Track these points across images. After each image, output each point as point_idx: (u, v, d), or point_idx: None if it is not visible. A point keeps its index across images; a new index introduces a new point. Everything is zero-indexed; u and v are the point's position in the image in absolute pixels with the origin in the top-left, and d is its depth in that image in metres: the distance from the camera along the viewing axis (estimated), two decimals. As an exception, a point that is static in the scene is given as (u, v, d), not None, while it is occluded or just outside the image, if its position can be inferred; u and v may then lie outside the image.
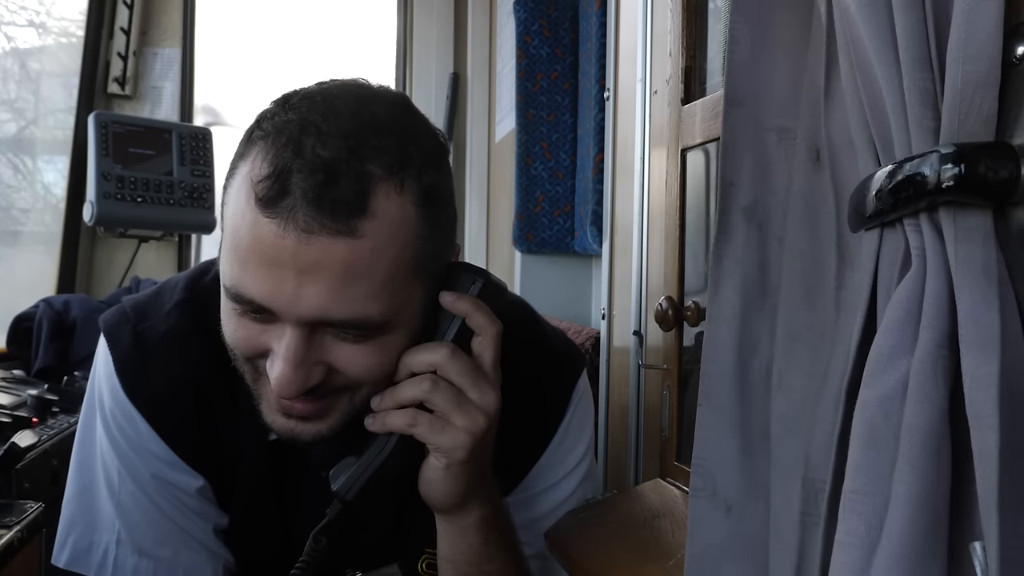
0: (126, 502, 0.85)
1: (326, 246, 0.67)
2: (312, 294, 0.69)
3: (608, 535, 0.93)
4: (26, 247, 2.37)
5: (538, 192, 1.92)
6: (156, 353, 0.84)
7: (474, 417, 0.77)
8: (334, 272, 0.68)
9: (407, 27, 2.69)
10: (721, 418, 0.64)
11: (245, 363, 0.78)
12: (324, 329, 0.72)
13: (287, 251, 0.67)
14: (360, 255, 0.68)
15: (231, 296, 0.73)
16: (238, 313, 0.74)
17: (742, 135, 0.64)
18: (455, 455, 0.77)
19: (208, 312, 0.82)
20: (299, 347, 0.71)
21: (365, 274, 0.69)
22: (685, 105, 1.07)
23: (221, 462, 0.87)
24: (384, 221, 0.69)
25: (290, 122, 0.70)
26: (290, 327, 0.71)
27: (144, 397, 0.83)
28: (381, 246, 0.69)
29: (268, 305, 0.70)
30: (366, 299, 0.70)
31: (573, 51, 1.92)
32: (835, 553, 0.48)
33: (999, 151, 0.45)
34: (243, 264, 0.71)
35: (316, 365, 0.73)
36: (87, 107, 2.23)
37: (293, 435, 0.77)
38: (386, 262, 0.70)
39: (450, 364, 0.76)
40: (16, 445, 0.97)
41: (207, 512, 0.87)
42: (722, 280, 0.64)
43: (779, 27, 0.63)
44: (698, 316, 1.00)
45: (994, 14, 0.44)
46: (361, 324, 0.71)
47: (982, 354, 0.43)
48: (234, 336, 0.76)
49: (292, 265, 0.68)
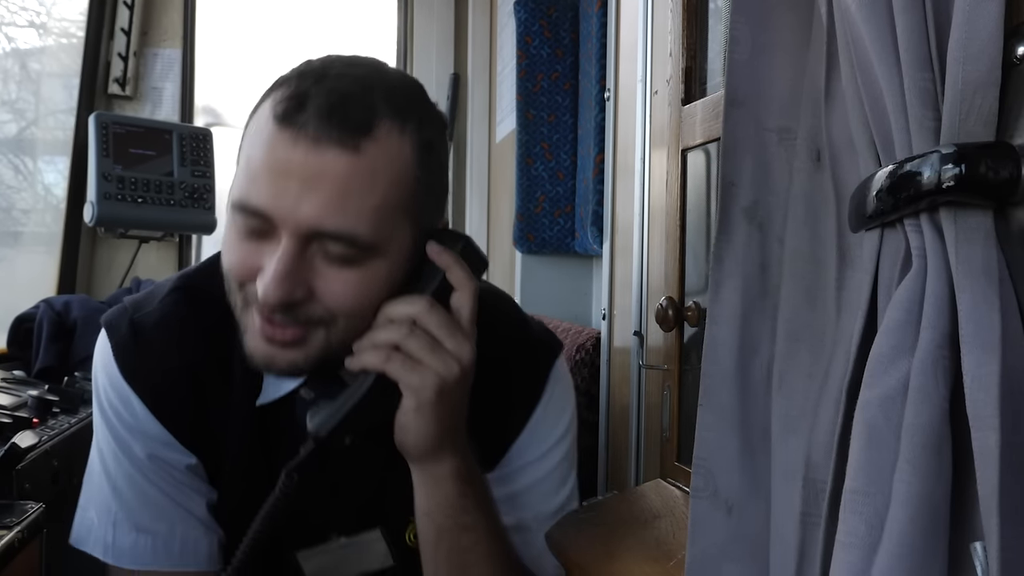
0: (121, 483, 0.88)
1: (331, 158, 0.74)
2: (312, 202, 0.74)
3: (608, 535, 0.93)
4: (27, 248, 2.37)
5: (539, 192, 1.92)
6: (151, 337, 0.89)
7: (447, 363, 0.80)
8: (335, 184, 0.75)
9: (407, 27, 2.69)
10: (722, 418, 0.64)
11: (237, 292, 0.82)
12: (315, 247, 0.77)
13: (296, 160, 0.74)
14: (360, 172, 0.75)
15: (236, 208, 0.78)
16: (239, 233, 0.79)
17: (743, 135, 0.64)
18: (424, 394, 0.80)
19: (200, 299, 0.90)
20: (291, 257, 0.76)
21: (362, 191, 0.76)
22: (685, 105, 1.07)
23: (214, 438, 0.90)
24: (384, 149, 0.76)
25: (313, 65, 0.80)
26: (286, 238, 0.76)
27: (140, 379, 0.88)
28: (379, 170, 0.76)
29: (270, 211, 0.76)
30: (359, 215, 0.76)
31: (573, 51, 1.92)
32: (836, 553, 0.48)
33: (1000, 151, 0.45)
34: (253, 176, 0.77)
35: (301, 284, 0.77)
36: (88, 108, 2.23)
37: (271, 362, 0.82)
38: (381, 187, 0.77)
39: (428, 315, 0.81)
40: (16, 446, 0.96)
41: (200, 488, 0.91)
42: (723, 280, 0.64)
43: (780, 27, 0.63)
44: (699, 316, 1.00)
45: (994, 14, 0.44)
46: (351, 239, 0.76)
47: (983, 354, 0.43)
48: (232, 259, 0.81)
49: (298, 174, 0.74)
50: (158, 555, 0.88)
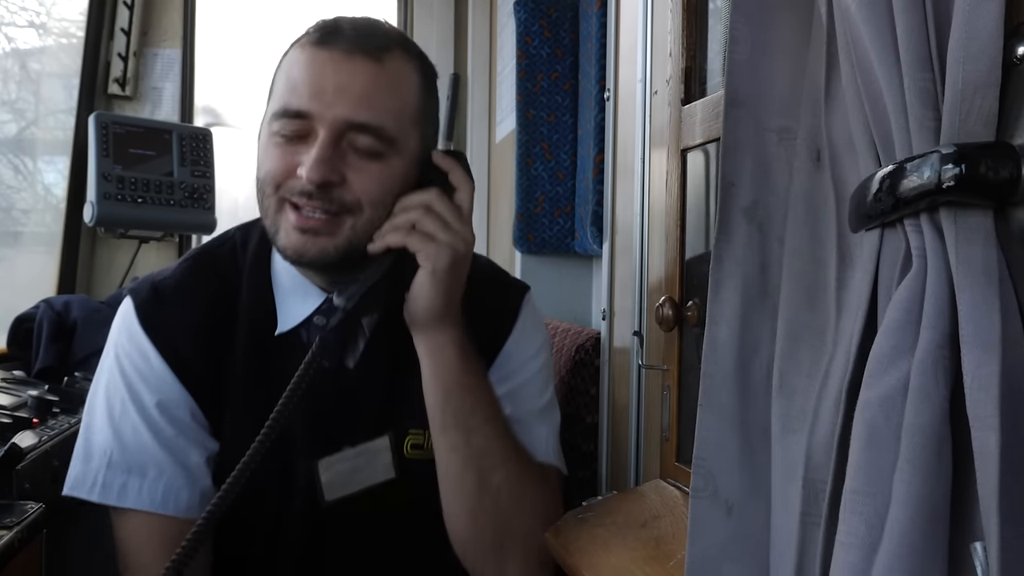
0: (124, 428, 0.98)
1: (360, 66, 0.92)
2: (346, 100, 0.91)
3: (608, 535, 0.93)
4: (27, 248, 2.37)
5: (538, 192, 1.92)
6: (169, 296, 1.02)
7: (456, 239, 0.95)
8: (364, 86, 0.92)
9: (407, 27, 2.68)
10: (722, 418, 0.64)
11: (272, 195, 0.95)
12: (346, 143, 0.92)
13: (330, 69, 0.92)
14: (383, 78, 0.94)
15: (278, 115, 0.94)
16: (277, 140, 0.94)
17: (743, 135, 0.64)
18: (439, 263, 0.94)
19: (212, 260, 1.06)
20: (328, 145, 0.91)
21: (384, 93, 0.94)
22: (685, 105, 1.07)
23: (221, 384, 1.01)
24: (399, 67, 0.96)
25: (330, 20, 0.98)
26: (323, 131, 0.91)
27: (158, 332, 1.00)
28: (397, 80, 0.95)
29: (310, 109, 0.91)
30: (385, 112, 0.93)
31: (573, 51, 1.92)
32: (836, 553, 0.48)
33: (1000, 151, 0.45)
34: (293, 87, 0.93)
35: (336, 171, 0.92)
36: (87, 108, 2.22)
37: (304, 251, 0.95)
38: (399, 93, 0.95)
39: (438, 201, 0.96)
40: (17, 446, 0.96)
41: (199, 439, 1.00)
42: (723, 280, 0.64)
43: (780, 27, 0.63)
44: (699, 317, 1.00)
45: (994, 14, 0.44)
46: (377, 130, 0.93)
47: (983, 354, 0.43)
48: (271, 163, 0.95)
49: (333, 80, 0.92)
50: (141, 497, 0.96)
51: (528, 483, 1.01)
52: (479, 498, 0.98)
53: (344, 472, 1.02)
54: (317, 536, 1.03)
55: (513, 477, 0.99)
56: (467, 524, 1.00)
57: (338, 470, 1.02)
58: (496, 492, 0.98)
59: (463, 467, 0.98)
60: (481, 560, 1.01)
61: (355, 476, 1.03)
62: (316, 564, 1.04)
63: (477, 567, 1.02)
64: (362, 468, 1.03)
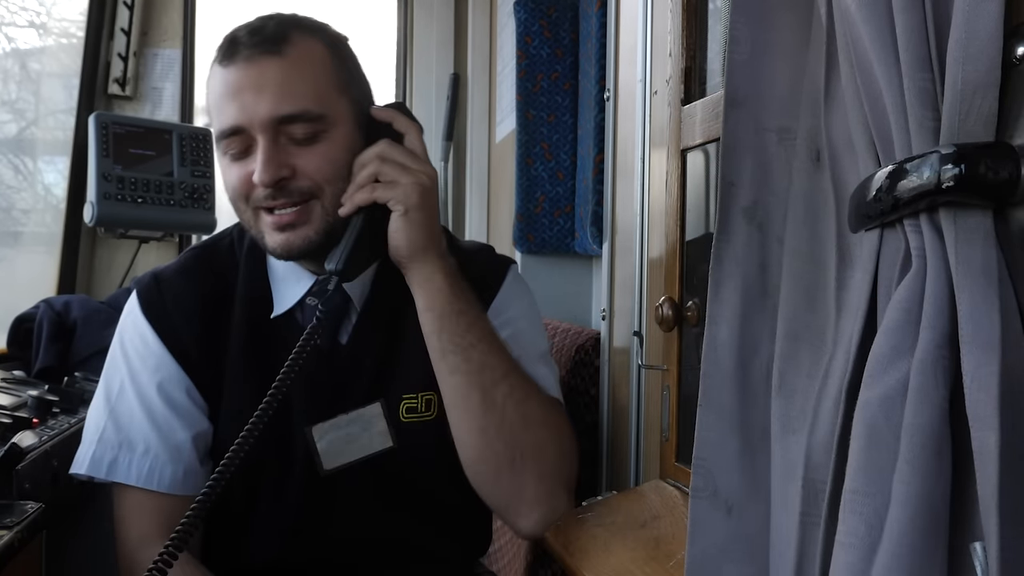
0: (120, 406, 1.04)
1: (264, 66, 0.97)
2: (266, 100, 0.96)
3: (608, 535, 0.93)
4: (27, 248, 2.37)
5: (538, 193, 1.92)
6: (170, 283, 1.08)
7: (418, 175, 1.00)
8: (275, 81, 0.97)
9: (407, 27, 2.68)
10: (721, 418, 0.64)
11: (245, 208, 1.02)
12: (283, 137, 0.98)
13: (240, 79, 0.98)
14: (288, 67, 0.98)
15: (219, 138, 1.00)
16: (228, 160, 1.01)
17: (743, 135, 0.64)
18: (409, 201, 0.99)
19: (210, 252, 1.12)
20: (269, 146, 0.97)
21: (295, 80, 0.98)
22: (685, 106, 1.07)
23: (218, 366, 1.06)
24: (301, 49, 0.99)
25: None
26: (260, 136, 0.97)
27: (157, 316, 1.06)
28: (303, 62, 0.99)
29: (240, 122, 0.97)
30: (302, 97, 0.98)
31: (573, 52, 1.92)
32: (835, 553, 0.48)
33: (999, 151, 0.45)
34: (220, 109, 0.99)
35: (283, 166, 0.98)
36: (87, 108, 2.22)
37: (289, 246, 1.00)
38: (309, 73, 0.99)
39: (390, 148, 1.01)
40: (17, 446, 0.96)
41: (193, 419, 1.05)
42: (723, 280, 0.64)
43: (779, 27, 0.63)
44: (699, 317, 1.00)
45: (994, 14, 0.44)
46: (304, 114, 0.97)
47: (982, 354, 0.43)
48: (231, 182, 1.01)
49: (248, 87, 0.97)
50: (130, 472, 1.02)
51: (533, 397, 1.04)
52: (485, 414, 1.00)
53: (339, 440, 1.05)
54: (318, 505, 1.06)
55: (517, 391, 1.02)
56: (477, 443, 1.02)
57: (333, 438, 1.05)
58: (502, 406, 1.01)
59: (466, 386, 1.01)
60: (496, 480, 1.03)
61: (351, 444, 1.06)
62: (318, 534, 1.06)
63: (494, 492, 1.04)
64: (357, 436, 1.06)
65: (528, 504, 1.02)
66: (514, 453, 1.01)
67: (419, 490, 1.09)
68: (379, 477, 1.07)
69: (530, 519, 1.02)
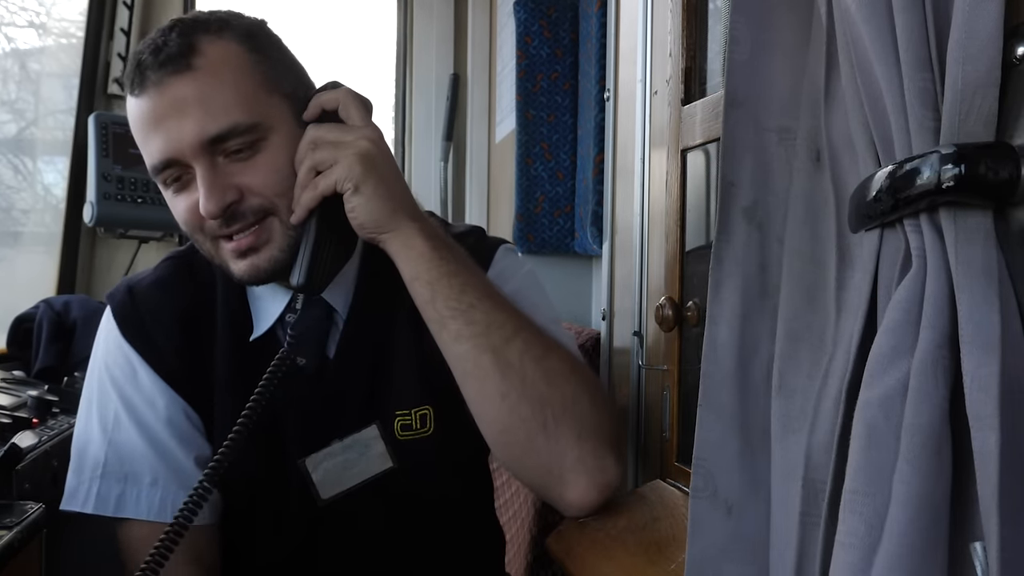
0: (119, 437, 0.98)
1: (177, 87, 0.88)
2: (189, 124, 0.88)
3: (608, 539, 0.93)
4: (26, 248, 2.37)
5: (538, 193, 1.92)
6: (146, 296, 1.02)
7: (355, 143, 0.90)
8: (193, 101, 0.88)
9: (407, 27, 2.68)
10: (721, 419, 0.64)
11: (204, 239, 0.95)
12: (219, 157, 0.90)
13: (155, 107, 0.89)
14: (204, 81, 0.89)
15: (156, 172, 0.93)
16: (172, 195, 0.94)
17: (742, 135, 0.64)
18: (353, 174, 0.89)
19: (186, 263, 1.05)
20: (207, 172, 0.89)
21: (215, 93, 0.89)
22: (685, 105, 1.07)
23: (206, 383, 1.00)
24: (212, 56, 0.90)
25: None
26: (195, 163, 0.89)
27: (141, 340, 0.99)
28: (217, 71, 0.89)
29: (169, 154, 0.89)
30: (228, 110, 0.89)
31: (573, 52, 1.92)
32: (835, 553, 0.48)
33: (999, 151, 0.45)
34: (145, 143, 0.92)
35: (228, 189, 0.90)
36: (87, 108, 2.22)
37: (256, 270, 0.94)
38: (230, 81, 0.90)
39: (318, 130, 0.92)
40: (16, 446, 0.96)
41: (195, 443, 1.00)
42: (723, 280, 0.64)
43: (779, 27, 0.63)
44: (699, 317, 1.00)
45: (994, 14, 0.44)
46: (234, 129, 0.89)
47: (983, 354, 0.43)
48: (181, 216, 0.95)
49: (166, 114, 0.89)
50: (139, 507, 0.96)
51: (553, 351, 0.92)
52: (504, 377, 0.88)
53: (336, 467, 1.00)
54: (316, 536, 1.02)
55: (534, 347, 0.90)
56: (500, 413, 0.89)
57: (328, 466, 1.00)
58: (520, 365, 0.89)
59: (475, 351, 0.89)
60: (529, 450, 0.89)
61: (348, 471, 1.00)
62: (317, 565, 1.03)
63: (530, 466, 0.91)
64: (355, 462, 1.01)
65: (572, 470, 0.88)
66: (544, 415, 0.88)
67: (421, 512, 1.03)
68: (380, 501, 1.02)
69: (578, 487, 0.89)
